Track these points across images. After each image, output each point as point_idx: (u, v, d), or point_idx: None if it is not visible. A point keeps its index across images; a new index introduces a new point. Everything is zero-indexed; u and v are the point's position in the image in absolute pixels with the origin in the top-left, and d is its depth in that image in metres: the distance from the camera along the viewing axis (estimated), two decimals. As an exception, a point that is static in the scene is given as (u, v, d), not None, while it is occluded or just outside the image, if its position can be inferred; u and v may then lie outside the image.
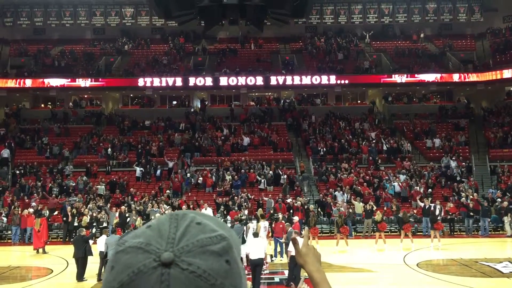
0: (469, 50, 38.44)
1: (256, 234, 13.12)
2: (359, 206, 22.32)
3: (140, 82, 33.92)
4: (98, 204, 22.88)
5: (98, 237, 15.36)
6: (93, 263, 13.97)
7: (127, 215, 20.99)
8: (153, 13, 34.78)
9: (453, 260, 16.36)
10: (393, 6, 39.09)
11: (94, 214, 20.96)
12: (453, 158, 28.24)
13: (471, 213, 21.79)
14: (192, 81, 33.99)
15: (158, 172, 27.57)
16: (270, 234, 16.97)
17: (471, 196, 23.06)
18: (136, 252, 0.79)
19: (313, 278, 1.51)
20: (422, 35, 39.64)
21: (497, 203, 22.45)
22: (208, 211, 19.73)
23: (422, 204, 21.48)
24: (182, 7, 10.57)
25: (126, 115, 34.36)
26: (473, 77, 34.58)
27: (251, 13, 10.42)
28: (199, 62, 37.48)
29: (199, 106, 36.08)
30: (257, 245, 12.49)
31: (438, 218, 19.58)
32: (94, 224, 20.36)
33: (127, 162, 28.97)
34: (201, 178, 26.60)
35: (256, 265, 12.29)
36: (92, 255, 13.98)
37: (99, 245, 14.10)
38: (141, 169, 27.66)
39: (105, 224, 20.35)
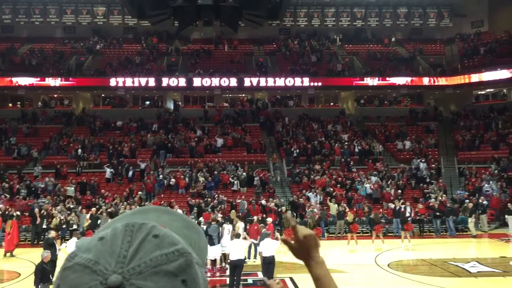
0: (438, 55, 39.35)
1: (237, 235, 13.11)
2: (333, 207, 22.49)
3: (112, 82, 33.45)
4: (68, 206, 22.42)
5: (68, 240, 15.04)
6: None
7: (98, 217, 20.62)
8: (125, 12, 34.40)
9: (422, 260, 16.69)
10: (366, 10, 39.71)
11: (64, 216, 20.53)
12: (423, 160, 28.82)
13: (438, 214, 22.26)
14: (165, 81, 33.73)
15: (130, 173, 27.20)
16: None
17: (439, 197, 23.57)
18: (83, 272, 0.72)
19: (313, 273, 1.40)
20: (393, 39, 40.37)
21: (465, 204, 23.01)
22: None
23: (393, 206, 21.86)
24: (156, 7, 10.47)
25: (97, 116, 33.81)
26: (442, 81, 35.43)
27: (226, 14, 10.41)
28: (173, 63, 37.22)
29: (172, 107, 35.82)
30: (237, 246, 12.48)
31: (408, 219, 19.97)
32: (64, 226, 19.94)
33: (98, 163, 28.50)
34: (173, 180, 26.38)
35: (235, 266, 12.27)
36: (56, 259, 13.60)
37: (69, 248, 13.80)
38: (111, 170, 27.23)
39: (75, 226, 19.95)
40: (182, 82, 33.82)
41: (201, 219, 19.39)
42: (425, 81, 35.57)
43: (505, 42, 35.91)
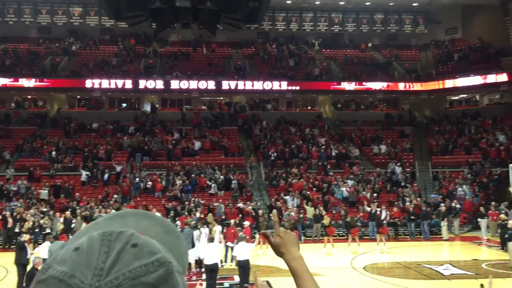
0: (413, 60, 40.01)
1: (211, 239, 13.03)
2: (310, 211, 22.63)
3: (88, 83, 32.98)
4: (41, 209, 21.99)
5: (40, 244, 14.75)
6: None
7: (72, 220, 20.29)
8: (102, 13, 33.98)
9: (397, 263, 16.91)
10: (343, 15, 40.11)
11: (37, 220, 20.12)
12: (398, 164, 29.25)
13: (412, 217, 22.64)
14: (142, 83, 33.41)
15: (106, 176, 26.85)
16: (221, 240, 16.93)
17: (414, 201, 23.96)
18: (57, 286, 0.68)
19: (290, 267, 1.44)
20: (370, 45, 40.88)
21: (439, 208, 23.42)
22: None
23: (368, 209, 22.12)
24: (133, 8, 10.36)
25: (72, 117, 33.29)
26: (417, 86, 36.03)
27: (204, 17, 10.38)
28: (150, 65, 36.93)
29: (150, 109, 35.53)
30: (212, 250, 12.41)
31: (384, 222, 20.25)
32: (37, 230, 19.54)
33: (72, 166, 28.04)
34: (150, 183, 26.14)
35: (211, 270, 12.21)
36: (27, 263, 13.29)
37: (42, 252, 13.53)
38: (87, 173, 26.84)
39: (48, 230, 19.57)
40: (159, 84, 33.56)
41: (177, 222, 19.28)
42: (401, 86, 36.12)
43: (477, 49, 36.76)
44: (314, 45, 40.49)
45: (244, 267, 12.14)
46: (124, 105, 36.68)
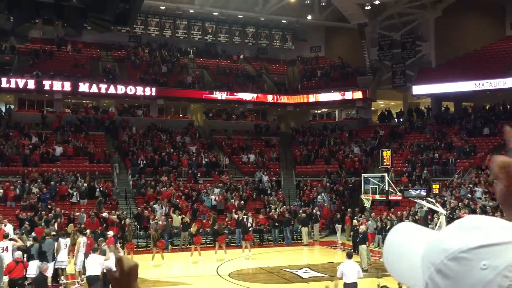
0: (282, 74, 42.16)
1: (95, 250, 12.46)
2: (177, 219, 22.45)
3: None
4: None
5: None
6: None
7: None
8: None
9: (261, 268, 17.53)
10: (216, 26, 40.79)
11: None
12: (265, 172, 30.46)
13: (276, 224, 23.75)
14: (-4, 81, 30.27)
15: None
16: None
17: (279, 208, 25.12)
18: None
19: None
20: (241, 56, 42.13)
21: (299, 215, 24.86)
22: (8, 227, 17.68)
23: (236, 216, 22.64)
24: (-15, -2, 9.39)
25: None
26: (284, 99, 38.00)
27: (69, 15, 9.75)
28: (6, 62, 33.61)
29: (4, 110, 32.30)
30: (94, 261, 11.95)
31: (250, 229, 20.87)
32: None
33: None
34: (1, 191, 23.70)
35: (91, 281, 11.69)
36: None
37: None
38: None
39: None
40: (16, 83, 30.71)
41: (33, 234, 17.77)
42: (269, 98, 37.77)
43: (338, 67, 39.99)
44: (188, 52, 40.51)
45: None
46: (-27, 104, 32.91)
